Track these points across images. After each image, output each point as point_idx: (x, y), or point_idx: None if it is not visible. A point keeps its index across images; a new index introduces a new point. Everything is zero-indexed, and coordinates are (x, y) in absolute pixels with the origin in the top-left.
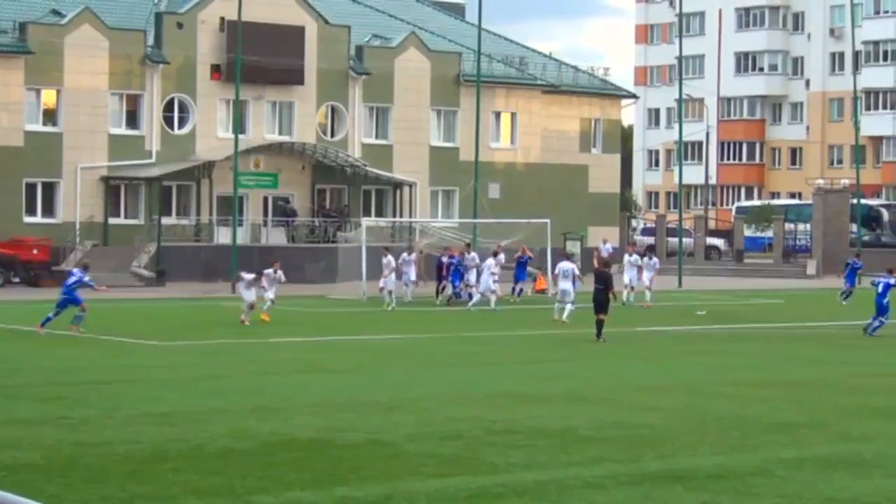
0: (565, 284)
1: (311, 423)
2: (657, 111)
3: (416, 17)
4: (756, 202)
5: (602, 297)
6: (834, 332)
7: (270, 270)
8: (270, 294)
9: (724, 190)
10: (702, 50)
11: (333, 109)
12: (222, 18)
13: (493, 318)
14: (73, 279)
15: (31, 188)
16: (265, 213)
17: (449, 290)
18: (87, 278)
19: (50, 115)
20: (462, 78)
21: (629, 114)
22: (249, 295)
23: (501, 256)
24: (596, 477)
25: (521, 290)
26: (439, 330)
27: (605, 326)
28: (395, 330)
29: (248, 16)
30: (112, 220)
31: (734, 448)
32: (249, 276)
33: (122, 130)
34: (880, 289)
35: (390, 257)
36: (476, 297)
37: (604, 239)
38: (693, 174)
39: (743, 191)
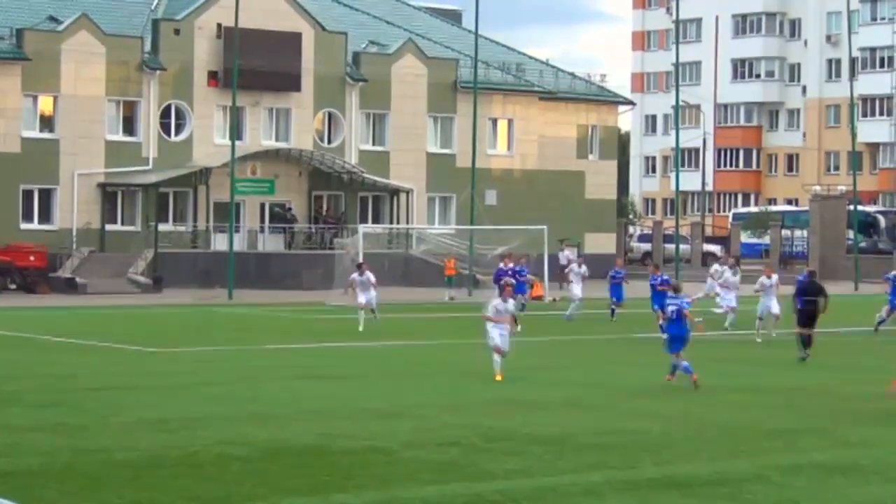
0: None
1: (307, 429)
2: (654, 118)
3: (412, 24)
4: (753, 209)
5: (812, 307)
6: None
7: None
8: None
9: (721, 196)
10: (699, 56)
11: (330, 116)
12: (219, 25)
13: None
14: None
15: (27, 195)
16: (262, 220)
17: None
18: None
19: (47, 122)
20: (459, 84)
21: (626, 120)
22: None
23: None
24: (593, 484)
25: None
26: (436, 337)
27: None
28: (393, 337)
29: (245, 22)
30: (109, 227)
31: (731, 454)
32: (372, 278)
33: (119, 137)
34: None
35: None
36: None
37: (565, 245)
38: (690, 181)
39: (740, 197)
